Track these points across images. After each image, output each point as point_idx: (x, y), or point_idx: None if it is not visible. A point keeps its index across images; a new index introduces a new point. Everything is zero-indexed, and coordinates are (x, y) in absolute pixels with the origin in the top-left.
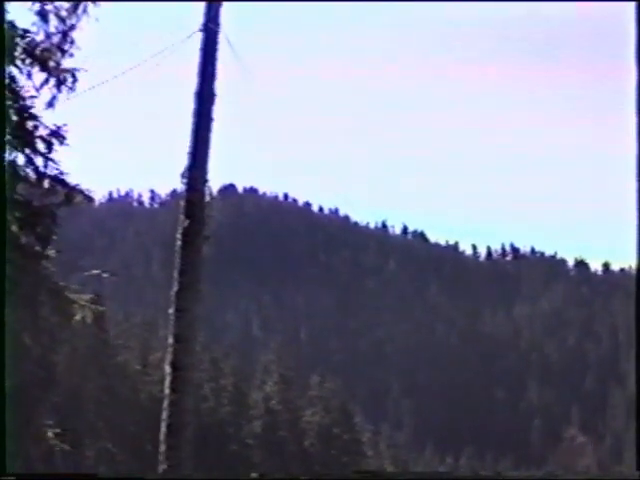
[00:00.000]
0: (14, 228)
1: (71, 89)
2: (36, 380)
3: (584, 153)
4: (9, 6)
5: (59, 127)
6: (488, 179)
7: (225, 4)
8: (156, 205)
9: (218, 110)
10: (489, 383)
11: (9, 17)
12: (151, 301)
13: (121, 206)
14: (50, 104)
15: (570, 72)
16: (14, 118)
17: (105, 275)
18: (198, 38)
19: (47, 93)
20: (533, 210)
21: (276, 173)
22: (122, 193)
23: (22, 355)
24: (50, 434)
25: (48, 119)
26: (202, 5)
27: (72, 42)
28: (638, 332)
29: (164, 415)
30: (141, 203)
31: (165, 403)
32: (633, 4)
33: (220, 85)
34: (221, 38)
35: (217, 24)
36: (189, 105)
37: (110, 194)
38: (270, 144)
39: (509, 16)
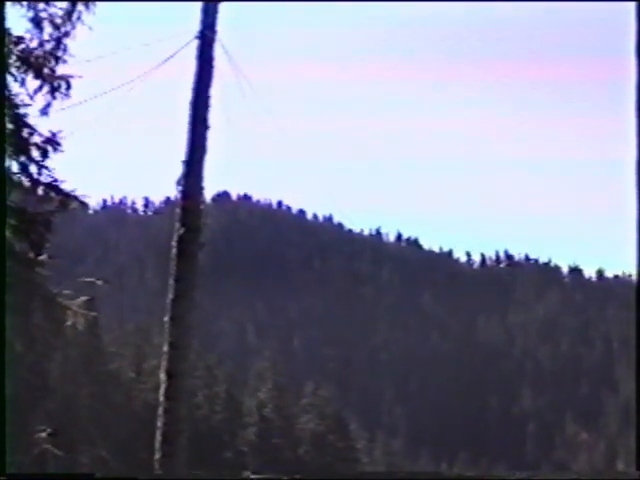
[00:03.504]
0: (8, 235)
1: (65, 96)
2: (30, 387)
3: (579, 159)
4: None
5: (54, 134)
6: (483, 186)
7: (221, 7)
8: (150, 212)
9: (213, 117)
10: (483, 389)
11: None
12: (145, 308)
13: (115, 213)
14: (44, 111)
15: (569, 73)
16: (9, 126)
17: (99, 282)
18: (194, 45)
19: (41, 100)
20: (527, 217)
21: (270, 180)
22: (116, 200)
23: (15, 362)
24: (43, 437)
25: (42, 126)
26: (198, 10)
27: (65, 49)
28: (638, 337)
29: (159, 422)
30: (135, 210)
31: (160, 410)
32: (633, 4)
33: (215, 91)
34: (217, 45)
35: (213, 31)
36: (184, 112)
37: (104, 201)
38: (265, 151)
39: (509, 16)
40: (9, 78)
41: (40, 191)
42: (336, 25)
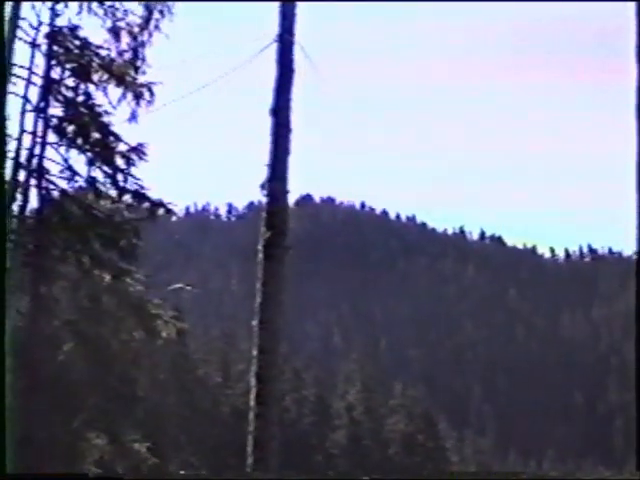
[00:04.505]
0: (96, 245)
1: (150, 103)
2: (120, 396)
3: None
4: (82, 22)
5: (141, 144)
6: (563, 180)
7: (299, 8)
8: (233, 218)
9: (294, 120)
10: (569, 386)
11: (82, 34)
12: (230, 314)
13: (198, 220)
14: (132, 118)
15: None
16: (95, 135)
17: (188, 287)
18: (272, 49)
19: (124, 109)
20: (610, 210)
21: (352, 182)
22: (199, 207)
23: (106, 371)
24: (139, 449)
25: (126, 135)
26: (275, 13)
27: (144, 59)
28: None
29: (250, 428)
30: (218, 217)
31: (251, 415)
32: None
33: (296, 93)
34: (296, 48)
35: (292, 34)
36: (264, 116)
37: (187, 208)
38: (346, 152)
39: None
40: (92, 87)
41: (127, 199)
42: (425, 18)
